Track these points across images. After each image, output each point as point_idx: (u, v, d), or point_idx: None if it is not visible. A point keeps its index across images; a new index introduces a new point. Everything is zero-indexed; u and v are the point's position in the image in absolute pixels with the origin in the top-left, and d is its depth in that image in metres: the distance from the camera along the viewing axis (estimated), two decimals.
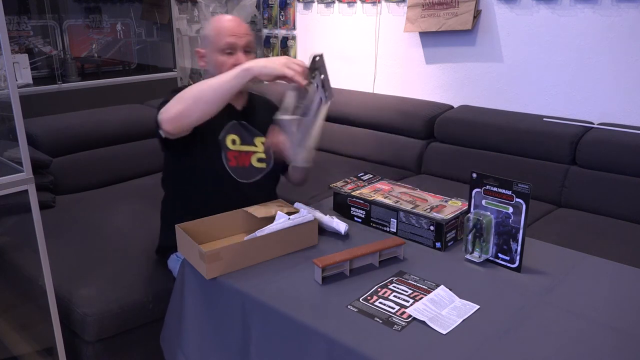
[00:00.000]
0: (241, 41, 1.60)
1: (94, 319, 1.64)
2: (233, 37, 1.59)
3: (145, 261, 1.87)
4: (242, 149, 1.68)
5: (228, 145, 1.65)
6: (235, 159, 1.66)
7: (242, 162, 1.67)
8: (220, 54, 1.60)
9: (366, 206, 1.54)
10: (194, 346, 1.36)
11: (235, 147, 1.66)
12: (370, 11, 3.27)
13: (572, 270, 1.31)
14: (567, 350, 1.01)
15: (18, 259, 1.93)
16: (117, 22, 3.61)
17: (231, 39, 1.59)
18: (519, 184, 1.24)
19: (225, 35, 1.59)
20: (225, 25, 1.61)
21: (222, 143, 1.64)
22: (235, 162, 1.66)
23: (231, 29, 1.60)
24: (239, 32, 1.60)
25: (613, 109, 2.46)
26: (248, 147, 1.69)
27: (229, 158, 1.65)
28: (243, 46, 1.60)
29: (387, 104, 3.00)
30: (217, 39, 1.60)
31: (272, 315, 1.16)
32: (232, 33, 1.59)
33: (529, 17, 2.63)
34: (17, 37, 3.09)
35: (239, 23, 1.62)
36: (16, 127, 1.45)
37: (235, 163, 1.66)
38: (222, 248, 1.27)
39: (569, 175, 2.37)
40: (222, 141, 1.64)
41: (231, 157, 1.65)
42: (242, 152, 1.67)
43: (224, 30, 1.60)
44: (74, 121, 2.68)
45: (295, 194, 2.40)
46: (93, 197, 2.51)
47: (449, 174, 2.73)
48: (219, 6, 3.78)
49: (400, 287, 1.22)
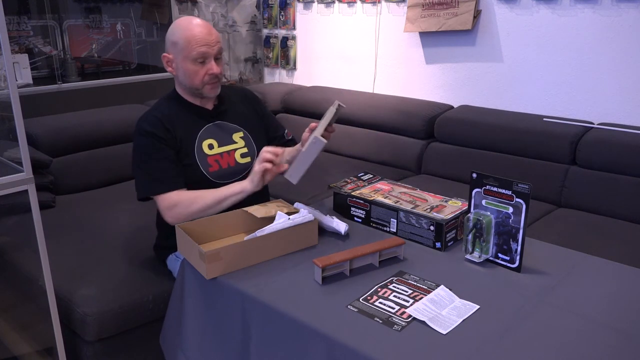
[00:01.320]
0: (213, 50, 1.58)
1: (94, 319, 1.64)
2: (205, 47, 1.56)
3: (145, 261, 1.87)
4: (221, 150, 1.67)
5: (205, 152, 1.63)
6: (217, 163, 1.65)
7: (226, 162, 1.67)
8: (192, 63, 1.57)
9: (366, 206, 1.54)
10: (194, 346, 1.36)
11: (213, 151, 1.65)
12: (370, 11, 3.27)
13: (572, 270, 1.31)
14: (567, 350, 1.01)
15: (18, 259, 1.93)
16: (117, 22, 3.61)
17: (203, 48, 1.56)
18: (519, 184, 1.24)
19: (197, 45, 1.56)
20: (196, 33, 1.56)
21: (198, 152, 1.63)
22: (218, 165, 1.65)
23: (203, 39, 1.56)
24: (211, 40, 1.57)
25: (613, 109, 2.46)
26: (228, 146, 1.68)
27: (209, 164, 1.63)
28: (215, 54, 1.59)
29: (387, 104, 3.00)
30: (188, 48, 1.56)
31: (272, 315, 1.16)
32: (205, 42, 1.56)
33: (529, 17, 2.63)
34: (17, 37, 3.09)
35: (209, 30, 1.58)
36: (16, 127, 1.45)
37: (217, 167, 1.65)
38: (222, 248, 1.27)
39: (569, 175, 2.37)
40: (198, 150, 1.63)
41: (212, 162, 1.64)
42: (223, 153, 1.67)
43: (196, 40, 1.56)
44: (74, 121, 2.68)
45: (295, 194, 2.40)
46: (93, 197, 2.51)
47: (449, 174, 2.73)
48: (219, 6, 3.78)
49: (400, 287, 1.22)
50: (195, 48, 1.56)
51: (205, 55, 1.57)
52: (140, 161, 1.59)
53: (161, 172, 1.56)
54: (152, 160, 1.56)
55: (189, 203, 1.53)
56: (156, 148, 1.57)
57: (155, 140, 1.57)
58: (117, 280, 1.77)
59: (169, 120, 1.61)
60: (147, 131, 1.57)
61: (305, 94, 3.42)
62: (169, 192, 1.55)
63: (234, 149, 1.69)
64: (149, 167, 1.57)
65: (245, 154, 1.70)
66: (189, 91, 1.65)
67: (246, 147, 1.71)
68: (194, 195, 1.55)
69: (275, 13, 3.81)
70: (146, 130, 1.58)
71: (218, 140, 1.67)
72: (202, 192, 1.55)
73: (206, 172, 1.63)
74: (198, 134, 1.65)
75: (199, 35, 1.56)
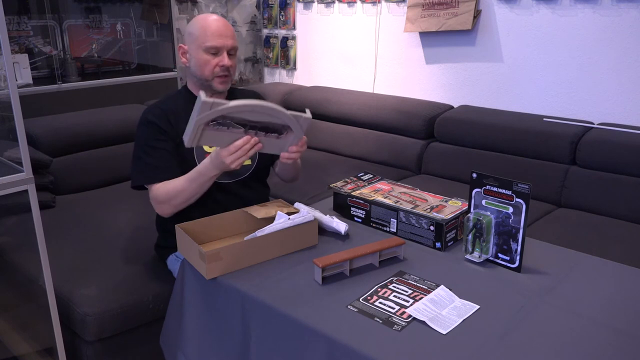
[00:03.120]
0: (227, 43, 1.59)
1: (94, 319, 1.64)
2: (220, 39, 1.58)
3: (145, 261, 1.87)
4: None
5: (205, 149, 1.64)
6: None
7: None
8: (205, 52, 1.59)
9: (366, 206, 1.54)
10: (194, 346, 1.36)
11: (213, 149, 1.65)
12: (370, 11, 3.27)
13: (572, 270, 1.31)
14: (567, 350, 1.01)
15: (18, 259, 1.93)
16: (117, 22, 3.61)
17: (217, 40, 1.58)
18: (519, 184, 1.24)
19: (212, 36, 1.58)
20: (213, 25, 1.59)
21: (198, 148, 1.63)
22: None
23: (218, 30, 1.58)
24: (226, 33, 1.59)
25: (613, 109, 2.46)
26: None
27: None
28: (228, 48, 1.60)
29: (387, 104, 3.00)
30: (203, 38, 1.58)
31: (272, 315, 1.16)
32: (220, 34, 1.58)
33: (529, 17, 2.63)
34: (17, 37, 3.09)
35: (225, 24, 1.61)
36: (16, 127, 1.45)
37: None
38: (222, 248, 1.27)
39: (569, 175, 2.37)
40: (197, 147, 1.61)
41: None
42: None
43: (211, 30, 1.58)
44: (74, 121, 2.68)
45: (295, 194, 2.40)
46: (93, 197, 2.51)
47: (449, 174, 2.73)
48: (219, 6, 3.78)
49: (400, 287, 1.22)
50: (210, 38, 1.57)
51: (218, 47, 1.58)
52: (138, 150, 1.61)
53: (156, 163, 1.57)
54: (149, 149, 1.58)
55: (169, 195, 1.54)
56: (156, 139, 1.58)
57: (156, 130, 1.59)
58: (117, 280, 1.77)
59: (173, 114, 1.62)
60: (150, 121, 1.60)
61: (305, 94, 3.42)
62: (161, 183, 1.56)
63: None
64: (146, 156, 1.58)
65: None
66: (199, 83, 1.65)
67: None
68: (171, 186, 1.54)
69: (275, 13, 3.81)
70: (148, 120, 1.60)
71: None
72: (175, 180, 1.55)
73: None
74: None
75: (214, 27, 1.58)
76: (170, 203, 1.55)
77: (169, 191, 1.54)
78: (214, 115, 1.28)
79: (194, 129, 1.29)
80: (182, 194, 1.52)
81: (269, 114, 1.33)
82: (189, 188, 1.52)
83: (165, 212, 1.58)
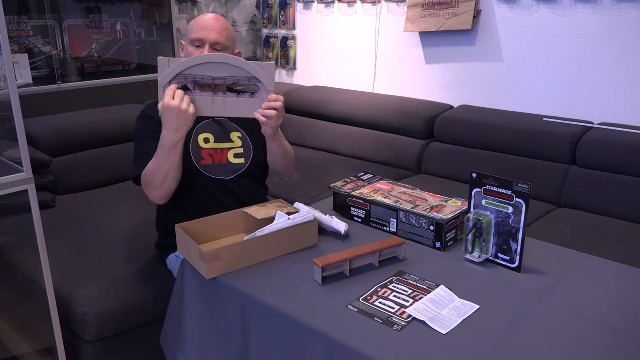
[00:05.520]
0: (211, 36, 1.62)
1: (94, 319, 1.64)
2: (204, 32, 1.62)
3: (146, 261, 1.87)
4: (217, 146, 1.69)
5: (200, 145, 1.67)
6: (211, 157, 1.67)
7: (218, 159, 1.68)
8: (190, 45, 1.65)
9: (366, 206, 1.54)
10: (194, 346, 1.36)
11: (209, 145, 1.68)
12: (370, 11, 3.27)
13: (572, 270, 1.31)
14: (567, 350, 1.01)
15: (18, 259, 1.93)
16: (117, 22, 3.61)
17: (202, 32, 1.62)
18: (519, 184, 1.24)
19: (197, 28, 1.64)
20: (202, 19, 1.66)
21: (194, 144, 1.66)
22: (211, 159, 1.67)
23: (205, 23, 1.64)
24: (213, 27, 1.63)
25: (613, 109, 2.46)
26: (223, 144, 1.70)
27: (202, 156, 1.66)
28: (212, 42, 1.62)
29: (387, 104, 3.00)
30: (190, 31, 1.66)
31: (272, 315, 1.16)
32: (205, 27, 1.63)
33: (529, 17, 2.63)
34: (17, 37, 3.09)
35: (216, 19, 1.65)
36: (16, 127, 1.45)
37: (210, 161, 1.67)
38: (222, 248, 1.27)
39: (569, 175, 2.37)
40: (193, 142, 1.66)
41: (205, 155, 1.67)
42: (217, 149, 1.69)
43: (199, 24, 1.65)
44: (74, 121, 2.68)
45: (295, 194, 2.40)
46: (93, 197, 2.51)
47: (449, 174, 2.73)
48: (219, 6, 3.78)
49: (400, 287, 1.22)
50: (195, 30, 1.64)
51: (201, 39, 1.62)
52: (136, 143, 1.65)
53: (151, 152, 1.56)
54: (145, 140, 1.62)
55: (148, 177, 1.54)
56: (151, 130, 1.60)
57: (152, 124, 1.61)
58: (117, 280, 1.78)
59: None
60: (147, 115, 1.66)
61: (305, 94, 3.42)
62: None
63: (229, 148, 1.70)
64: (142, 147, 1.62)
65: (239, 155, 1.71)
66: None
67: (242, 147, 1.71)
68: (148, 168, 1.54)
69: (275, 13, 3.81)
70: (145, 114, 1.67)
71: (215, 136, 1.69)
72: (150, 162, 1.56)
73: (198, 164, 1.64)
74: (196, 126, 1.68)
75: (202, 20, 1.65)
76: (153, 184, 1.54)
77: (146, 173, 1.55)
78: (174, 72, 1.38)
79: (160, 90, 1.39)
80: (158, 171, 1.51)
81: (230, 65, 1.43)
82: (159, 162, 1.51)
83: (155, 196, 1.57)
